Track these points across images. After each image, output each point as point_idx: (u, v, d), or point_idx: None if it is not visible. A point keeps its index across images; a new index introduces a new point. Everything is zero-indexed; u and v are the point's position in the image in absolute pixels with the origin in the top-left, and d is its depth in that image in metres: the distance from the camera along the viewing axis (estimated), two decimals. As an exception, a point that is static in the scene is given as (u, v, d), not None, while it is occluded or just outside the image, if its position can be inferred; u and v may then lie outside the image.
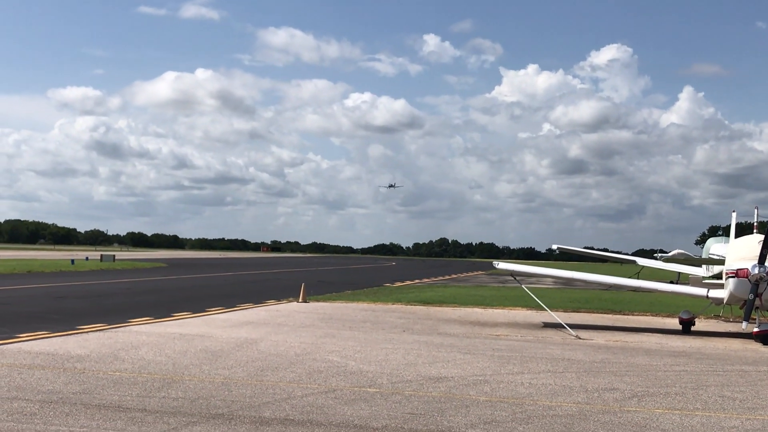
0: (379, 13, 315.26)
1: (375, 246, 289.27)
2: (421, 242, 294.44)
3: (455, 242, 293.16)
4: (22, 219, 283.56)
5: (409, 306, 29.77)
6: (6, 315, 22.13)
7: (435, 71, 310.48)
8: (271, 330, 20.09)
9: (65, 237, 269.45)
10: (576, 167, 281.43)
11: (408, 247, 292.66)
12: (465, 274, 73.38)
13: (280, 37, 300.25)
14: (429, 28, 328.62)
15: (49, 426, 9.38)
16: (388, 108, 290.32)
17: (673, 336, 22.41)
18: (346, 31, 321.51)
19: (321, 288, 40.43)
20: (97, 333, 18.28)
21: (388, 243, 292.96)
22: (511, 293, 38.52)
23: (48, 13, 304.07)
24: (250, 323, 21.61)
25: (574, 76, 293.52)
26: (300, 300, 30.02)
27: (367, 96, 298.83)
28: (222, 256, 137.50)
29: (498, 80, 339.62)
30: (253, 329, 20.13)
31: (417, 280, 56.18)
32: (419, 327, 22.16)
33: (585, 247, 65.60)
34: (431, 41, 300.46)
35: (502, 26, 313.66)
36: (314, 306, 28.27)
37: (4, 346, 15.56)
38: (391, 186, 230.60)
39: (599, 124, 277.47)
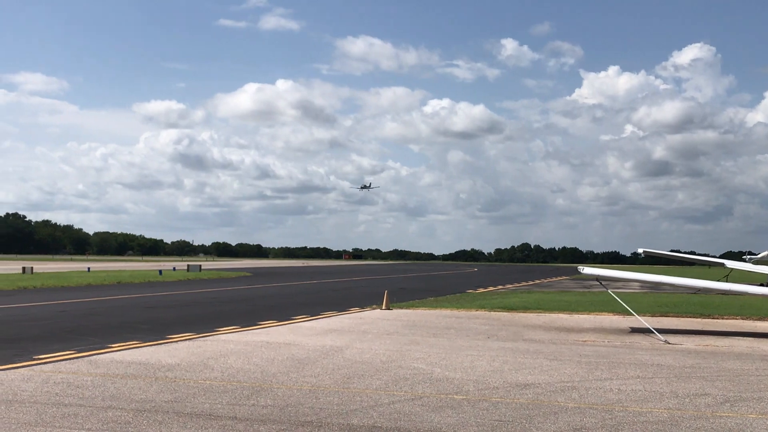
0: (456, 20, 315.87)
1: (456, 252, 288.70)
2: (502, 248, 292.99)
3: (537, 247, 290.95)
4: (110, 231, 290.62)
5: (492, 312, 29.61)
6: (98, 325, 22.68)
7: (513, 75, 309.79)
8: (355, 337, 20.20)
9: (152, 248, 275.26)
10: (660, 169, 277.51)
11: (489, 253, 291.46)
12: (548, 280, 72.71)
13: (358, 46, 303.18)
14: (507, 32, 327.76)
15: (144, 434, 9.58)
16: (467, 113, 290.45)
17: (765, 340, 21.85)
18: (423, 38, 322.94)
19: (404, 295, 40.48)
20: (187, 342, 18.63)
21: (469, 249, 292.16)
22: (597, 298, 38.04)
23: (132, 30, 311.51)
24: (334, 331, 21.76)
25: (657, 77, 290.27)
26: (383, 307, 30.11)
27: (445, 102, 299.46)
28: (305, 265, 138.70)
29: (578, 83, 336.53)
30: (337, 337, 20.27)
31: (500, 286, 55.85)
32: (504, 333, 22.03)
33: (671, 250, 64.43)
34: (509, 45, 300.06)
35: (581, 28, 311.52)
36: (397, 313, 28.32)
37: (98, 356, 15.96)
38: (364, 187, 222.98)
39: (683, 124, 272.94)
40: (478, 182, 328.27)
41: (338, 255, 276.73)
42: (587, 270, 25.18)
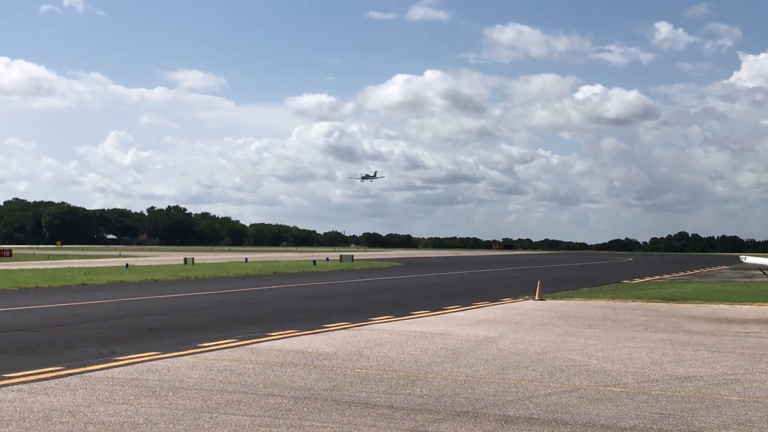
0: (608, 3, 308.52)
1: (610, 242, 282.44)
2: (658, 237, 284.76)
3: (695, 236, 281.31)
4: (265, 222, 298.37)
5: (650, 303, 28.88)
6: (257, 314, 23.35)
7: (668, 59, 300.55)
8: (509, 328, 20.09)
9: (305, 239, 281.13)
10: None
11: (645, 242, 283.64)
12: (707, 269, 70.32)
13: (507, 34, 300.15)
14: (661, 15, 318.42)
15: (304, 421, 9.80)
16: (621, 99, 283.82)
17: None
18: (574, 23, 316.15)
19: (556, 285, 39.96)
20: (342, 331, 18.95)
21: (623, 238, 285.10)
22: (760, 288, 36.54)
23: (284, 26, 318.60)
24: (487, 321, 21.70)
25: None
26: (536, 298, 29.81)
27: (597, 88, 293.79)
28: (455, 255, 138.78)
29: (737, 65, 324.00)
30: (491, 327, 20.20)
31: (657, 276, 54.38)
32: (662, 325, 21.46)
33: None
34: (663, 29, 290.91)
35: (739, 9, 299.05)
36: (551, 304, 27.99)
37: (258, 345, 16.43)
38: (366, 177, 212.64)
39: None
40: (632, 170, 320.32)
41: (488, 245, 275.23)
42: (750, 259, 24.25)
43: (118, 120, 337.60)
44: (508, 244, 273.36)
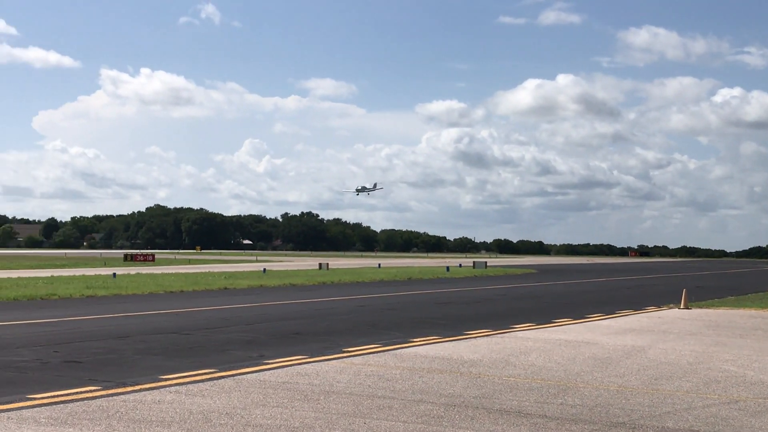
0: (747, 4, 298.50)
1: (750, 249, 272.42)
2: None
3: None
4: (396, 228, 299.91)
5: (802, 313, 27.65)
6: (397, 320, 23.42)
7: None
8: (656, 337, 19.55)
9: (435, 245, 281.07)
10: None
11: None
12: None
13: (641, 36, 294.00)
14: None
15: (457, 429, 9.72)
16: (761, 102, 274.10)
17: None
18: (712, 25, 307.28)
19: (701, 294, 38.69)
20: (485, 338, 18.79)
21: (765, 245, 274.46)
22: None
23: (414, 33, 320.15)
24: (633, 330, 21.17)
25: None
26: (681, 306, 28.92)
27: (736, 91, 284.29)
28: (590, 262, 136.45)
29: None
30: (637, 336, 19.70)
31: (805, 285, 52.10)
32: (819, 336, 20.50)
33: None
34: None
35: None
36: (697, 312, 27.12)
37: (402, 350, 16.45)
38: (363, 189, 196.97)
39: None
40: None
41: (623, 252, 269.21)
42: None
43: (253, 128, 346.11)
44: (644, 251, 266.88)
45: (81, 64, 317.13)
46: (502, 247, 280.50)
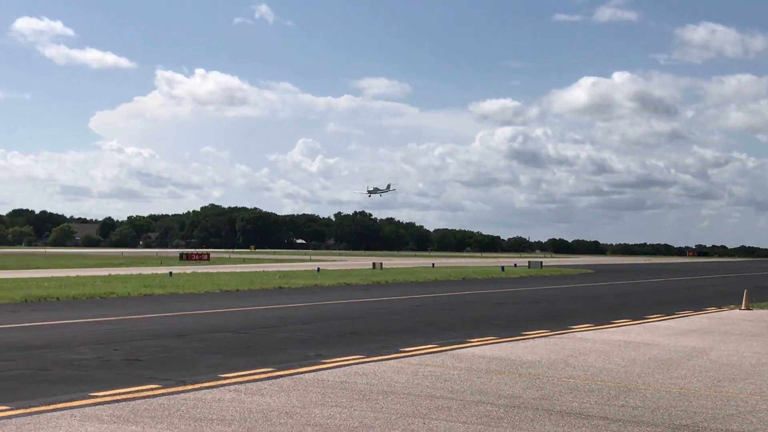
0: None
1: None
2: None
3: None
4: (449, 228, 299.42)
5: None
6: (453, 320, 23.34)
7: None
8: (718, 339, 19.21)
9: (489, 244, 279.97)
10: None
11: None
12: None
13: (699, 33, 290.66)
14: None
15: (517, 430, 9.62)
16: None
17: None
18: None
19: (761, 294, 37.98)
20: (543, 339, 18.62)
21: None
22: None
23: (467, 31, 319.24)
24: (693, 331, 20.85)
25: None
26: (742, 307, 28.39)
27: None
28: (647, 262, 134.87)
29: None
30: (698, 337, 19.38)
31: None
32: None
33: None
34: None
35: None
36: (759, 314, 26.61)
37: (459, 351, 16.37)
38: (376, 190, 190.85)
39: None
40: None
41: (680, 252, 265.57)
42: None
43: (306, 128, 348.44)
44: (702, 250, 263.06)
45: (137, 65, 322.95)
46: (557, 246, 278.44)
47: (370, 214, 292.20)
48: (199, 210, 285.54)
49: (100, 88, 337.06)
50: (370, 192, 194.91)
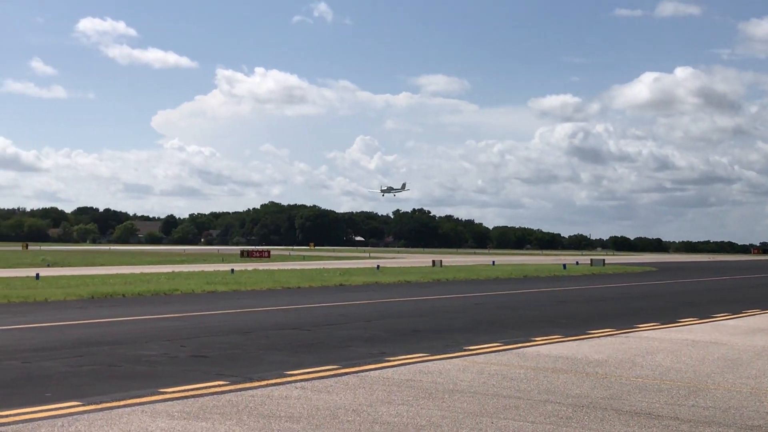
0: None
1: None
2: None
3: None
4: (508, 225, 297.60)
5: None
6: (516, 318, 23.21)
7: None
8: (788, 338, 18.83)
9: (549, 242, 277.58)
10: None
11: None
12: None
13: (763, 27, 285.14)
14: None
15: (586, 430, 9.52)
16: None
17: None
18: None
19: (831, 293, 37.15)
20: (609, 338, 18.40)
21: None
22: None
23: (527, 27, 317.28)
24: (762, 330, 20.46)
25: None
26: (812, 306, 27.83)
27: None
28: (711, 259, 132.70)
29: None
30: (767, 337, 19.02)
31: None
32: None
33: None
34: None
35: None
36: (830, 313, 26.06)
37: (524, 349, 16.26)
38: (390, 189, 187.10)
39: None
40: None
41: (744, 249, 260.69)
42: None
43: (365, 125, 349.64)
44: (767, 248, 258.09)
45: (198, 65, 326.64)
46: (619, 244, 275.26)
47: (429, 212, 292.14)
48: (258, 207, 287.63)
49: (161, 87, 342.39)
50: (383, 191, 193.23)
